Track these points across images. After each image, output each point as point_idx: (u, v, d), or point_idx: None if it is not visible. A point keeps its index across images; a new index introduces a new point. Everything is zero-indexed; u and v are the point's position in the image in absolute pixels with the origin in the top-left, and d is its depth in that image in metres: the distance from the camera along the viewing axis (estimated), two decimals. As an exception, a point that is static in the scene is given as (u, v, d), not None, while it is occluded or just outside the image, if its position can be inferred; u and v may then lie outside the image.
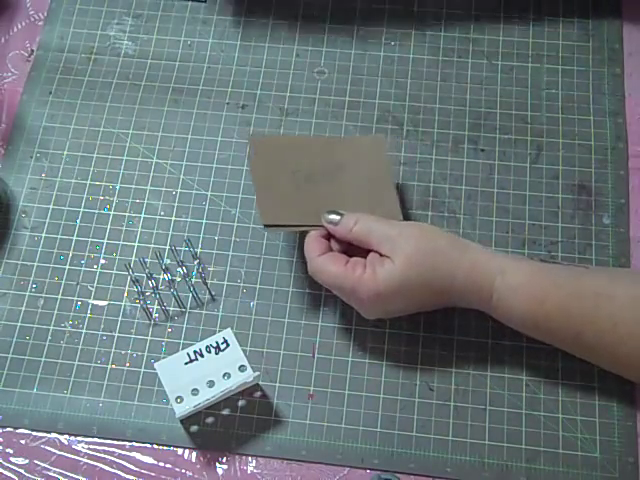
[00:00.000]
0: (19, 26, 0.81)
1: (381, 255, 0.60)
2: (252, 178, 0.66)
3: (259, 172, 0.64)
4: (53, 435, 0.64)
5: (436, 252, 0.60)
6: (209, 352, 0.63)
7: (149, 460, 0.63)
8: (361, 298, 0.60)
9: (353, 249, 0.63)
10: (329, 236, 0.64)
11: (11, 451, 0.63)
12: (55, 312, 0.68)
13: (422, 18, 0.79)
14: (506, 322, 0.62)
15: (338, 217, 0.63)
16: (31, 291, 0.69)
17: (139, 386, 0.65)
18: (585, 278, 0.60)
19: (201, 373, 0.62)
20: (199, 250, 0.70)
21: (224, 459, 0.63)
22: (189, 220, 0.71)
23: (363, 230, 0.62)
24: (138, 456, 0.63)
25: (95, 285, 0.69)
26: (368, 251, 0.62)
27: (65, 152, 0.75)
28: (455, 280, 0.60)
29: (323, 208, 0.63)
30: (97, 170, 0.74)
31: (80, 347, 0.67)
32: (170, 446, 0.63)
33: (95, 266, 0.70)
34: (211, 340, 0.63)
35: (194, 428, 0.63)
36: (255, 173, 0.64)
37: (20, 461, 0.63)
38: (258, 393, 0.64)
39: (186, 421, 0.63)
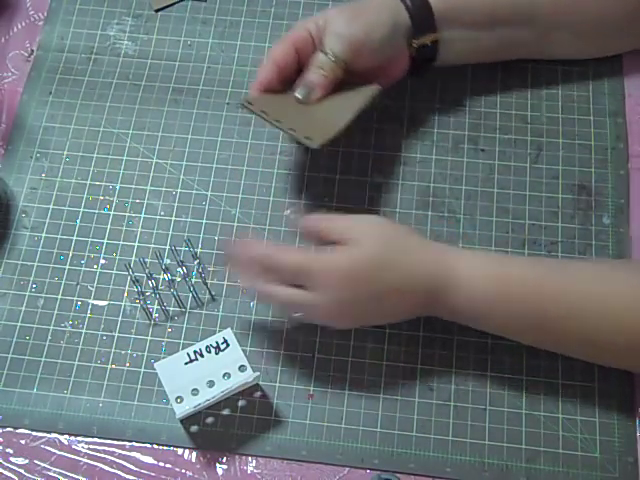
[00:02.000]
0: (19, 26, 0.81)
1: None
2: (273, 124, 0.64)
3: (270, 115, 0.64)
4: (53, 435, 0.64)
5: (397, 242, 0.60)
6: (209, 352, 0.63)
7: (149, 460, 0.63)
8: (330, 284, 0.58)
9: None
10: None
11: (11, 451, 0.64)
12: (55, 312, 0.68)
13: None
14: (469, 322, 0.62)
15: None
16: (31, 291, 0.69)
17: (139, 386, 0.65)
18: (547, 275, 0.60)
19: (201, 373, 0.62)
20: (199, 250, 0.70)
21: (224, 459, 0.63)
22: (189, 220, 0.71)
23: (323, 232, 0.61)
24: (138, 456, 0.63)
25: (95, 285, 0.69)
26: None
27: (65, 152, 0.75)
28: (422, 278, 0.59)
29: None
30: (97, 170, 0.74)
31: (80, 347, 0.67)
32: (170, 446, 0.63)
33: (95, 266, 0.70)
34: (211, 340, 0.63)
35: (194, 428, 0.63)
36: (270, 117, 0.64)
37: (20, 461, 0.63)
38: (258, 393, 0.64)
39: (186, 421, 0.63)
